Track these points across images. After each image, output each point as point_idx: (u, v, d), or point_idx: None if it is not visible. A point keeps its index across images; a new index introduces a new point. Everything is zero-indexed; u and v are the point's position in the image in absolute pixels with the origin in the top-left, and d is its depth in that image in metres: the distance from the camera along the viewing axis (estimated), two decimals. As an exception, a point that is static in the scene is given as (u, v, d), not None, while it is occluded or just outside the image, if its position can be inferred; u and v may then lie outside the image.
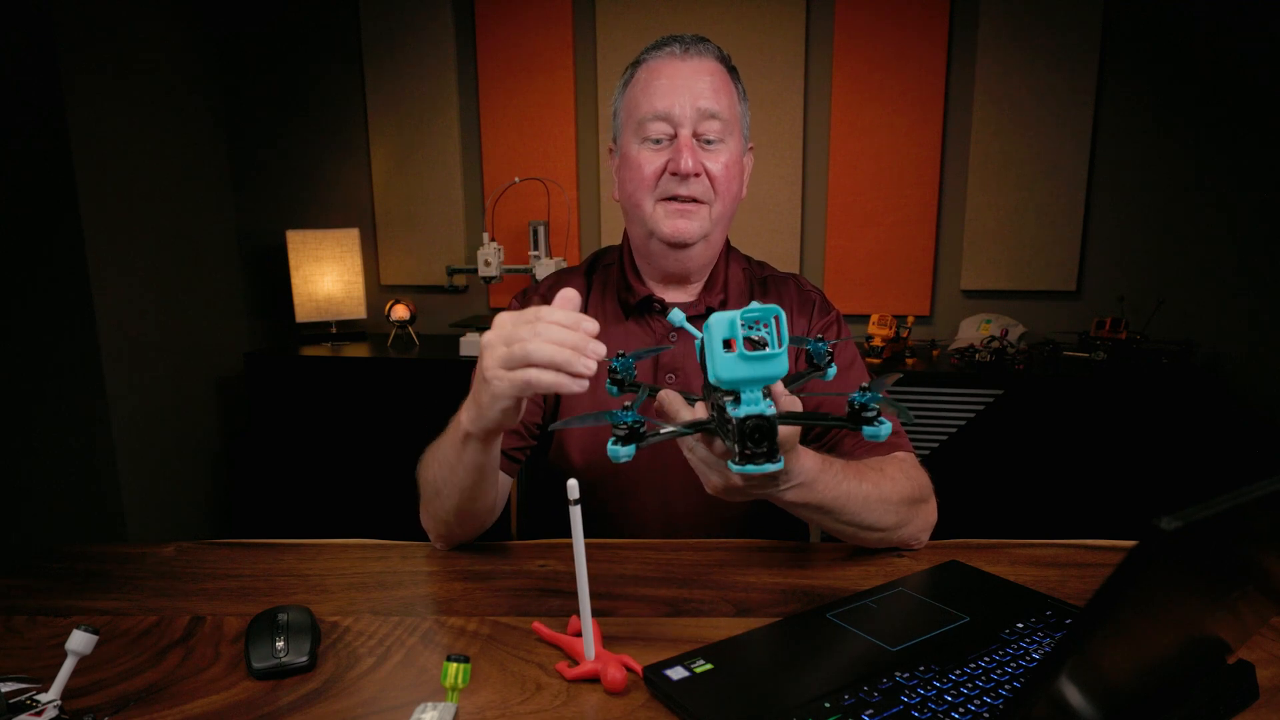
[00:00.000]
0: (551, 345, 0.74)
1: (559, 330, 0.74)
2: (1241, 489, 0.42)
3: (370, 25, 2.75)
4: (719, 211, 1.07)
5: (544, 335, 0.74)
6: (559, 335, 0.74)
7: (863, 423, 0.69)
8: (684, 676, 0.69)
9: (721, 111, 1.05)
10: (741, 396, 0.67)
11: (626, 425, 0.69)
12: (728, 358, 0.66)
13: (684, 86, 1.04)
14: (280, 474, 2.58)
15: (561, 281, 1.19)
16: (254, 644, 0.74)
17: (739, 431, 0.66)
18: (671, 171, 1.04)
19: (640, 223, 1.08)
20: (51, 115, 2.18)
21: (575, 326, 0.75)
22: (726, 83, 1.07)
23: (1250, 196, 2.46)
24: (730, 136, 1.06)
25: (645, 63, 1.08)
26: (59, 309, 2.26)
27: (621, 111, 1.11)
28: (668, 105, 1.04)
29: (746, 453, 0.66)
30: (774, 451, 0.66)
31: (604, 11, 2.66)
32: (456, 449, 0.89)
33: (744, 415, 0.66)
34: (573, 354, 0.73)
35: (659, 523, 1.10)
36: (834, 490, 0.87)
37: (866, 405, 0.69)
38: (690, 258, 1.09)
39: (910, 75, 2.57)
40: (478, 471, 0.90)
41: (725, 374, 0.66)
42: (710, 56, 1.07)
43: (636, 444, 0.69)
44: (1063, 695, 0.46)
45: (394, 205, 2.86)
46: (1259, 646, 0.74)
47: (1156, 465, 2.21)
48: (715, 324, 0.67)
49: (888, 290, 2.69)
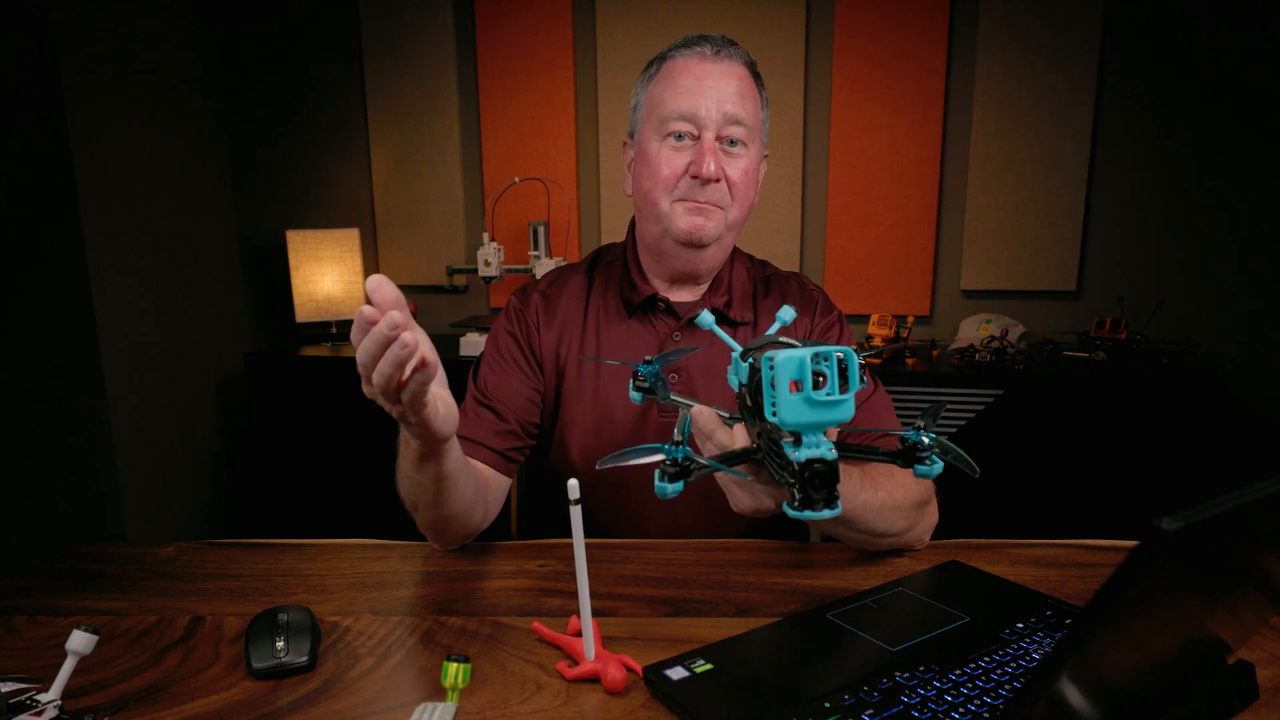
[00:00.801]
0: (371, 361, 0.68)
1: (365, 341, 0.68)
2: (1242, 489, 0.42)
3: (370, 25, 2.75)
4: (734, 217, 1.06)
5: (361, 357, 0.69)
6: (368, 347, 0.68)
7: (916, 462, 0.67)
8: (684, 676, 0.69)
9: (746, 118, 1.03)
10: (804, 439, 0.63)
11: (677, 463, 0.67)
12: (793, 400, 0.61)
13: (711, 88, 1.02)
14: (280, 474, 2.58)
15: (561, 277, 1.18)
16: (254, 644, 0.74)
17: (800, 477, 0.62)
18: (693, 175, 1.02)
19: (655, 220, 1.06)
20: (51, 115, 2.18)
21: (368, 324, 0.67)
22: (752, 89, 1.06)
23: (1250, 196, 2.46)
24: (752, 143, 1.05)
25: (672, 59, 1.06)
26: (59, 309, 2.26)
27: (643, 106, 1.09)
28: (694, 106, 1.02)
29: (808, 498, 0.63)
30: (833, 497, 0.63)
31: (604, 11, 2.66)
32: (414, 466, 0.87)
33: (806, 459, 0.62)
34: (392, 354, 0.67)
35: (659, 523, 1.10)
36: (853, 502, 0.86)
37: (919, 444, 0.67)
38: (703, 259, 1.08)
39: (910, 75, 2.57)
40: (442, 481, 0.88)
41: (790, 418, 0.61)
42: (739, 61, 1.06)
43: (685, 480, 0.68)
44: (1063, 695, 0.46)
45: (394, 205, 2.86)
46: (1259, 646, 0.74)
47: (1156, 465, 2.21)
48: (782, 365, 0.62)
49: (888, 290, 2.69)
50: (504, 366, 1.12)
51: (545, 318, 1.14)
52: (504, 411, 1.08)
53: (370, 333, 0.67)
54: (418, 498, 0.92)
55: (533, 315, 1.14)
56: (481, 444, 1.06)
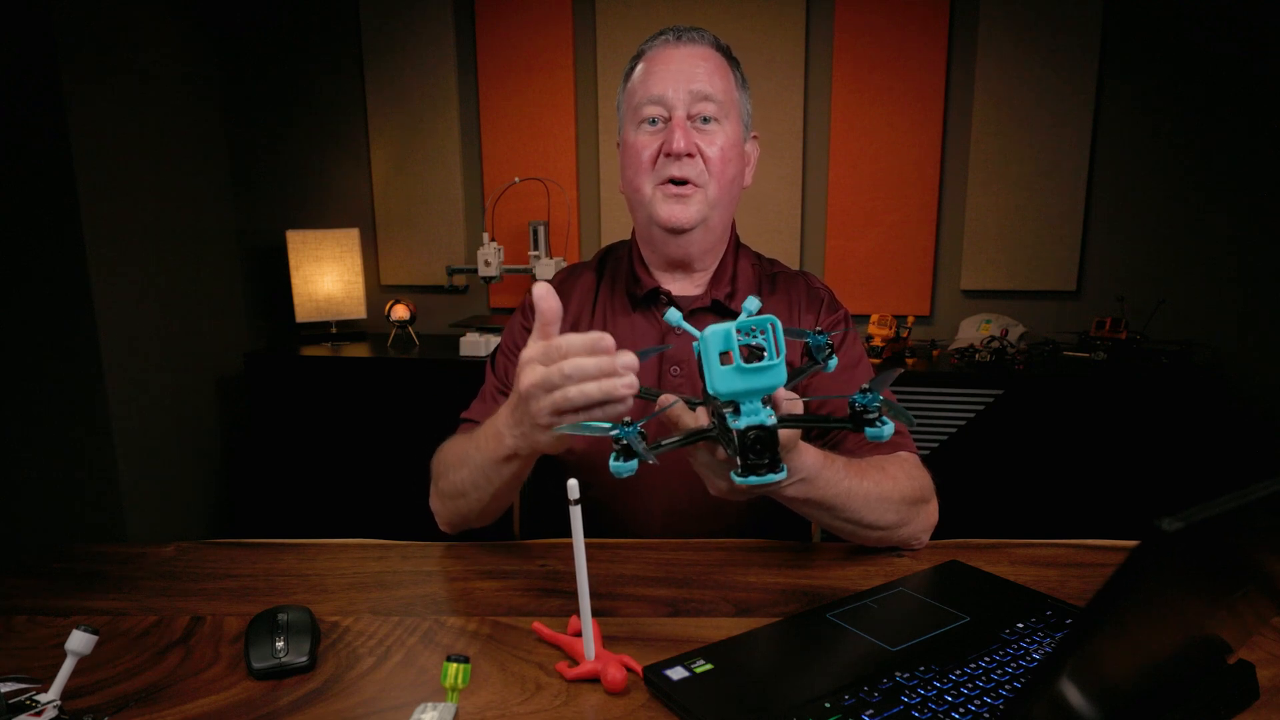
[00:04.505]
0: (590, 385, 0.74)
1: (588, 364, 0.74)
2: (1242, 489, 0.42)
3: (370, 25, 2.75)
4: (715, 194, 1.07)
5: (575, 376, 0.74)
6: (590, 370, 0.74)
7: (864, 424, 0.68)
8: (684, 676, 0.69)
9: (715, 93, 1.05)
10: (741, 407, 0.66)
11: (624, 442, 0.69)
12: (724, 371, 0.65)
13: (677, 70, 1.05)
14: (280, 474, 2.58)
15: (573, 274, 1.20)
16: (254, 644, 0.74)
17: (740, 443, 0.65)
18: (665, 152, 1.04)
19: (640, 207, 1.09)
20: (51, 115, 2.18)
21: (597, 350, 0.74)
22: (722, 67, 1.08)
23: (1250, 196, 2.46)
24: (726, 119, 1.07)
25: (643, 55, 1.10)
26: (59, 309, 2.26)
27: (623, 104, 1.12)
28: (661, 89, 1.05)
29: (748, 463, 0.65)
30: (776, 462, 0.66)
31: (604, 11, 2.66)
32: (495, 464, 0.89)
33: (744, 427, 0.65)
34: (609, 384, 0.73)
35: (659, 522, 1.10)
36: (835, 487, 0.87)
37: (868, 407, 0.68)
38: (691, 242, 1.09)
39: (910, 75, 2.57)
40: (515, 481, 0.92)
41: (723, 387, 0.65)
42: (705, 43, 1.08)
43: (639, 459, 0.69)
44: (1063, 695, 0.46)
45: (394, 205, 2.86)
46: (1259, 646, 0.74)
47: (1156, 465, 2.21)
48: (710, 337, 0.66)
49: (888, 290, 2.69)
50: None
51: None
52: None
53: (599, 360, 0.73)
54: (475, 487, 0.94)
55: None
56: None
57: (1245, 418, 2.47)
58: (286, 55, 2.82)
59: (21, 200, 2.20)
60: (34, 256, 2.23)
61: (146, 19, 2.50)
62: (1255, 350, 2.47)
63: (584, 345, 0.74)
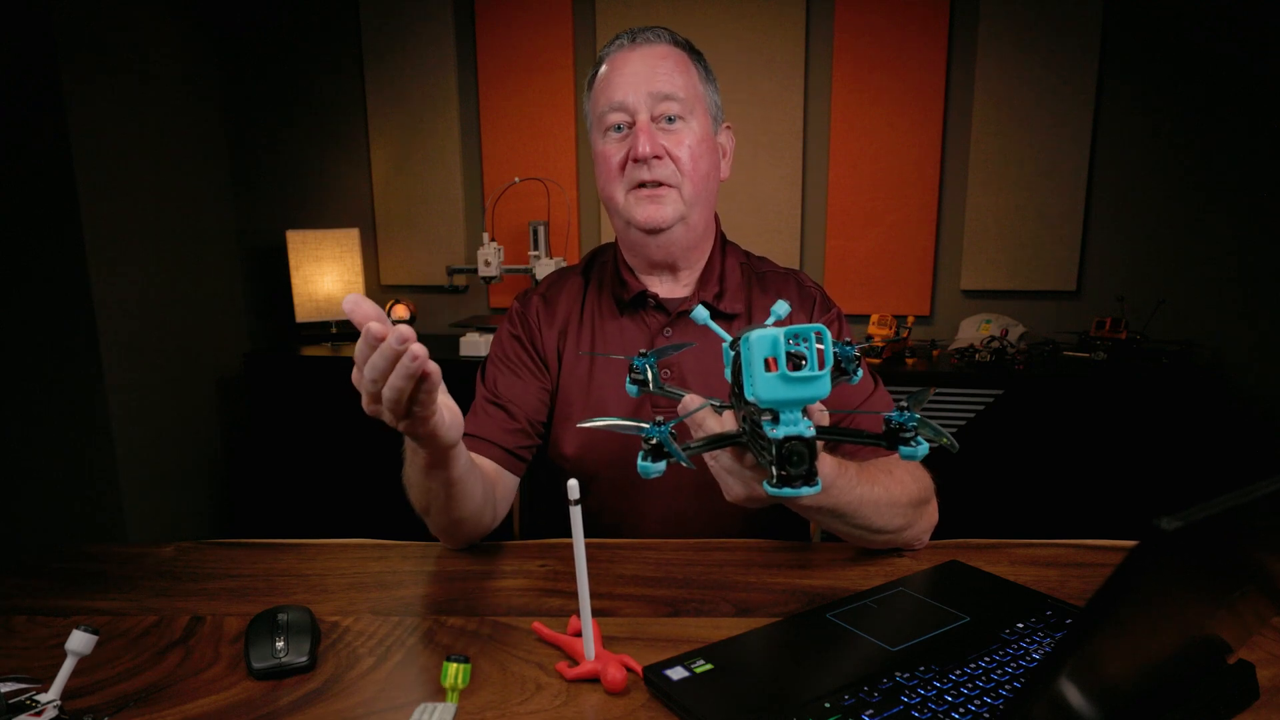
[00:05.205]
0: (381, 376, 0.69)
1: (378, 361, 0.69)
2: (1242, 489, 0.42)
3: (370, 25, 2.75)
4: (691, 192, 1.06)
5: (378, 379, 0.69)
6: (377, 363, 0.69)
7: (900, 443, 0.67)
8: (684, 676, 0.69)
9: (676, 91, 1.05)
10: (781, 417, 0.64)
11: (654, 441, 0.67)
12: (769, 378, 0.62)
13: (634, 73, 1.05)
14: (280, 474, 2.58)
15: (559, 280, 1.19)
16: (254, 644, 0.74)
17: (777, 454, 0.63)
18: (633, 158, 1.04)
19: (617, 213, 1.09)
20: (51, 115, 2.18)
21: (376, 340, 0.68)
22: (683, 63, 1.07)
23: (1250, 196, 2.46)
24: (692, 115, 1.06)
25: (603, 60, 1.09)
26: (59, 308, 2.26)
27: (590, 113, 1.12)
28: (622, 95, 1.04)
29: (785, 474, 0.64)
30: (812, 474, 0.64)
31: (604, 11, 2.66)
32: (423, 474, 0.87)
33: (783, 437, 0.63)
34: (404, 368, 0.68)
35: (659, 522, 1.10)
36: (849, 495, 0.86)
37: (904, 425, 0.67)
38: (671, 242, 1.08)
39: (910, 75, 2.57)
40: (452, 486, 0.89)
41: (765, 394, 0.63)
42: (663, 42, 1.08)
43: (667, 460, 0.68)
44: (1063, 695, 0.46)
45: (394, 205, 2.86)
46: (1259, 646, 0.74)
47: (1156, 465, 2.21)
48: (757, 342, 0.63)
49: (888, 290, 2.69)
50: (512, 368, 1.13)
51: (546, 318, 1.15)
52: (515, 410, 1.10)
53: (380, 348, 0.67)
54: (429, 503, 0.93)
55: (534, 317, 1.16)
56: (492, 442, 1.07)
57: (1245, 418, 2.47)
58: (286, 55, 2.82)
59: (21, 200, 2.20)
60: (34, 256, 2.23)
61: (146, 19, 2.50)
62: (1255, 350, 2.47)
63: (364, 346, 0.69)
